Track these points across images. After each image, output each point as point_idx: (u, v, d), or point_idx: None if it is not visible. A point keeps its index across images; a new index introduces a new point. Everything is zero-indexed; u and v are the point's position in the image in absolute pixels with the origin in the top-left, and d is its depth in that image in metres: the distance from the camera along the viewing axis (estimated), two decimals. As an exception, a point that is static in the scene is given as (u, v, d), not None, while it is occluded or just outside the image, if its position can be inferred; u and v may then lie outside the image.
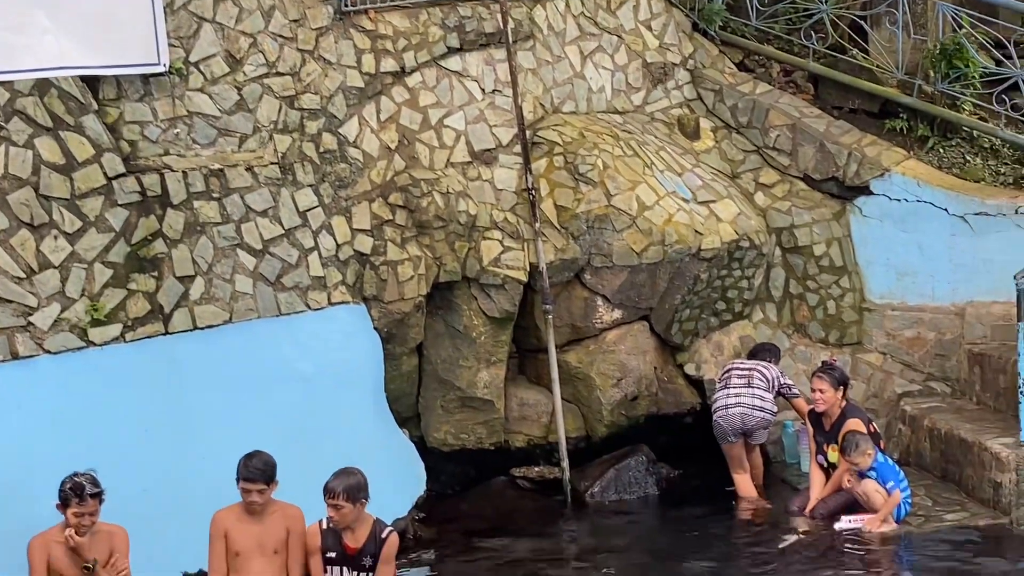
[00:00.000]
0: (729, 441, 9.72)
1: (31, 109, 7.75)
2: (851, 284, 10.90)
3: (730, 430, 9.66)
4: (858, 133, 11.10)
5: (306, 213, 8.91)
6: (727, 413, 9.64)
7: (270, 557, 6.96)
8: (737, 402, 9.64)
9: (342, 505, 6.83)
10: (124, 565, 6.84)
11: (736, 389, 9.70)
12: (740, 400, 9.64)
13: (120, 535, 6.95)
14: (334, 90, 9.31)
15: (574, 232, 9.94)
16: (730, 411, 9.64)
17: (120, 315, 7.92)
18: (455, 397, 9.91)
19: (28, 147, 7.71)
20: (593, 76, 10.93)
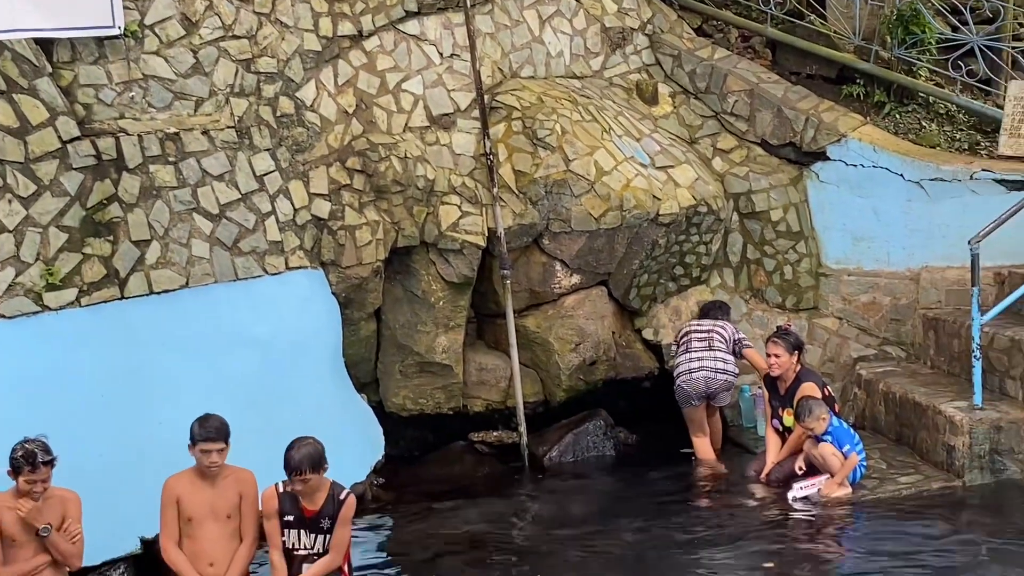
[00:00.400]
0: (692, 405, 9.77)
1: (-16, 72, 7.68)
2: (808, 249, 10.96)
3: (694, 394, 9.71)
4: (815, 99, 11.13)
5: (263, 177, 8.87)
6: (691, 377, 9.68)
7: (223, 522, 6.95)
8: (700, 366, 9.68)
9: (309, 478, 6.84)
10: (76, 530, 6.81)
11: (698, 352, 9.74)
12: (703, 364, 9.68)
13: (73, 500, 6.90)
14: (291, 54, 9.26)
15: (532, 197, 9.94)
16: (694, 375, 9.68)
17: (75, 280, 7.87)
18: (413, 362, 9.91)
19: (-19, 110, 7.64)
20: (551, 41, 10.90)
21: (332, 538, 6.92)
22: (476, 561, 7.95)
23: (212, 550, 6.90)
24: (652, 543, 8.22)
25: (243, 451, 7.52)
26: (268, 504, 6.95)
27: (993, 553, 7.77)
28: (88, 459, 7.49)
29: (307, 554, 6.94)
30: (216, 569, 6.87)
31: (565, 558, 7.95)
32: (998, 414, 8.97)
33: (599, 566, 7.78)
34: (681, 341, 9.93)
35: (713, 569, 7.67)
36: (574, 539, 8.32)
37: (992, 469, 8.89)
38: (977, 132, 11.30)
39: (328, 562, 6.93)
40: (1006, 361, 9.30)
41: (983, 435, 8.87)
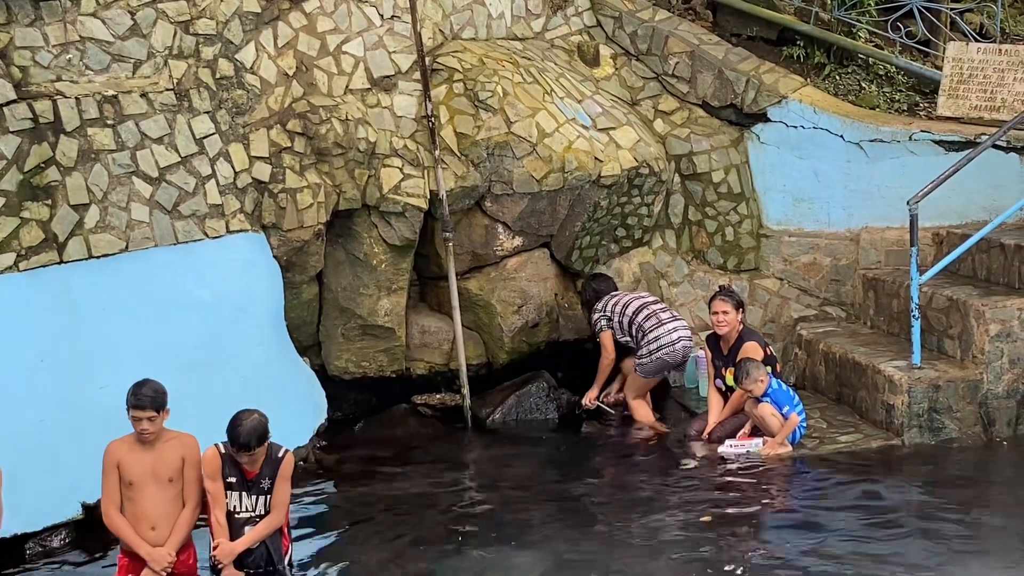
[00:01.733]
0: (659, 376, 9.85)
1: (-85, 33, 7.55)
2: (749, 211, 11.04)
3: (671, 364, 9.81)
4: (756, 60, 11.18)
5: (203, 140, 8.79)
6: (673, 349, 9.71)
7: (164, 485, 6.90)
8: (679, 336, 9.72)
9: (256, 453, 6.84)
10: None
11: (671, 324, 9.76)
12: (680, 334, 9.74)
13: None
14: (230, 15, 9.16)
15: (474, 159, 9.93)
16: (675, 346, 9.71)
17: (13, 244, 7.78)
18: (356, 325, 9.90)
19: (-88, 72, 7.52)
20: (492, 2, 10.86)
21: (272, 497, 6.92)
22: (420, 522, 7.97)
23: (154, 513, 6.87)
24: (595, 503, 8.29)
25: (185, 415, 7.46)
26: (210, 464, 6.92)
27: (927, 505, 7.92)
28: (28, 424, 7.45)
29: (249, 517, 6.92)
30: (158, 533, 6.85)
31: (508, 519, 7.98)
32: (936, 373, 9.11)
33: (542, 525, 7.82)
34: (634, 313, 9.83)
35: (653, 524, 7.75)
36: (517, 500, 8.37)
37: (931, 428, 9.04)
38: (916, 93, 11.42)
39: (270, 521, 6.93)
40: (944, 320, 9.43)
41: (922, 394, 9.00)
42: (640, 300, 9.98)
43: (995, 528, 7.63)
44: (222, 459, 6.92)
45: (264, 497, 6.92)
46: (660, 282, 10.92)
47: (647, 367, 9.79)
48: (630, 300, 9.98)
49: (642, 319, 9.81)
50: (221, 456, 6.92)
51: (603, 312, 10.00)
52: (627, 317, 9.88)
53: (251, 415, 6.86)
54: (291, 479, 7.05)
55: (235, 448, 6.81)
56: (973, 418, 9.10)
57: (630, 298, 10.02)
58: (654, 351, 9.73)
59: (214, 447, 6.96)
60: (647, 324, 9.78)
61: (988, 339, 9.02)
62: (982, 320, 9.04)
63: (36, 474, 7.14)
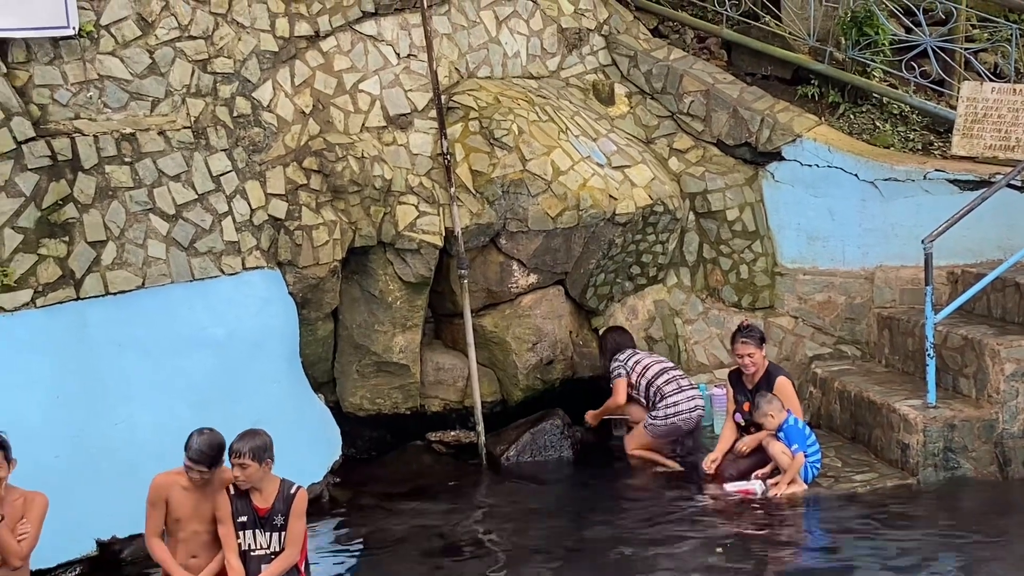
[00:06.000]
0: (667, 439, 9.87)
1: (-64, 72, 7.63)
2: (763, 249, 11.05)
3: (684, 431, 9.84)
4: (771, 99, 11.22)
5: (220, 178, 8.85)
6: (690, 417, 9.78)
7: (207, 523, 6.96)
8: (695, 405, 9.80)
9: (248, 464, 6.82)
10: (25, 529, 6.75)
11: (690, 391, 9.84)
12: (696, 403, 9.82)
13: (37, 501, 6.85)
14: (248, 54, 9.24)
15: (489, 197, 9.96)
16: (692, 415, 9.79)
17: (31, 280, 7.83)
18: (371, 362, 9.92)
19: (-67, 110, 7.60)
20: (508, 41, 10.94)
21: (287, 534, 6.92)
22: (433, 560, 7.96)
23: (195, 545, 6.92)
24: (609, 539, 8.26)
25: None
26: (223, 508, 6.93)
27: (941, 545, 7.88)
28: (44, 460, 7.46)
29: (264, 554, 6.93)
30: (198, 561, 6.89)
31: (522, 556, 7.97)
32: (952, 412, 9.07)
33: (557, 563, 7.81)
34: (655, 376, 9.87)
35: (667, 562, 7.73)
36: (531, 537, 8.36)
37: (946, 467, 8.99)
38: (930, 132, 11.41)
39: (285, 558, 6.93)
40: (959, 359, 9.40)
41: (937, 433, 8.96)
42: (660, 364, 10.01)
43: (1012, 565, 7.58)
44: (232, 500, 6.93)
45: (278, 534, 6.93)
46: (675, 320, 10.92)
47: (658, 428, 9.80)
48: (650, 363, 9.99)
49: (662, 382, 9.85)
50: (231, 497, 6.93)
51: (622, 363, 10.03)
52: (646, 379, 9.91)
53: (253, 431, 6.91)
54: (305, 515, 7.05)
55: (229, 455, 6.84)
56: (989, 458, 9.05)
57: (650, 361, 10.03)
58: (671, 416, 9.75)
59: (223, 490, 6.97)
60: (667, 388, 9.82)
61: (1003, 378, 8.99)
62: (997, 359, 9.01)
63: (51, 510, 7.11)
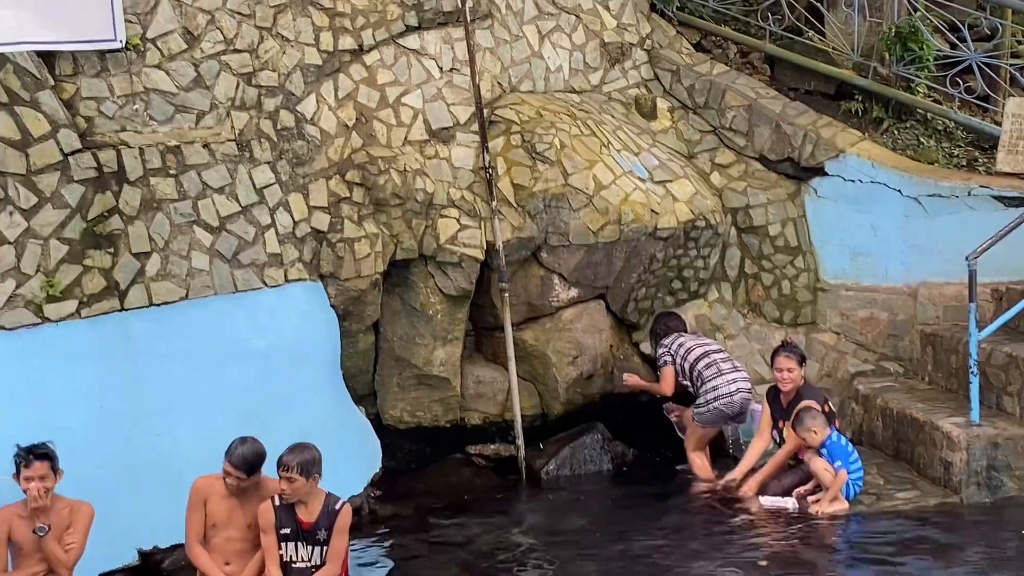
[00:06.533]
0: (718, 425, 9.81)
1: (-14, 84, 7.72)
2: (806, 264, 11.00)
3: (729, 415, 9.74)
4: (814, 114, 11.18)
5: (263, 190, 8.91)
6: (731, 400, 9.69)
7: (243, 530, 7.03)
8: (737, 388, 9.70)
9: (295, 478, 6.87)
10: (73, 540, 6.82)
11: (731, 375, 9.74)
12: (739, 386, 9.73)
13: (83, 511, 6.95)
14: (292, 67, 9.29)
15: (531, 211, 9.98)
16: (734, 397, 9.69)
17: (76, 291, 7.90)
18: (411, 375, 9.93)
19: (-18, 122, 7.68)
20: (551, 55, 10.95)
21: (329, 548, 6.95)
22: (472, 574, 7.96)
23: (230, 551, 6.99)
24: (649, 555, 8.23)
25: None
26: (265, 517, 6.98)
27: (987, 566, 7.80)
28: (87, 470, 7.50)
29: (305, 567, 6.97)
30: (233, 568, 6.94)
31: (563, 570, 7.96)
32: (995, 430, 8.99)
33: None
34: (697, 359, 9.82)
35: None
36: (571, 551, 8.34)
37: (989, 485, 8.91)
38: (975, 148, 11.33)
39: (326, 572, 6.96)
40: (1003, 377, 9.32)
41: (980, 451, 8.89)
42: (703, 348, 9.95)
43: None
44: (276, 511, 6.96)
45: (320, 548, 6.95)
46: (716, 335, 10.87)
47: (704, 416, 9.76)
48: (692, 346, 9.95)
49: (702, 367, 9.79)
50: (275, 508, 6.97)
51: (667, 348, 10.00)
52: (688, 363, 9.87)
53: (304, 445, 6.98)
54: (348, 531, 7.07)
55: (277, 468, 6.90)
56: (1032, 476, 8.98)
57: (693, 344, 9.99)
58: (711, 400, 9.71)
59: (268, 500, 7.01)
60: (707, 373, 9.76)
61: (1049, 396, 8.93)
62: (1042, 377, 8.95)
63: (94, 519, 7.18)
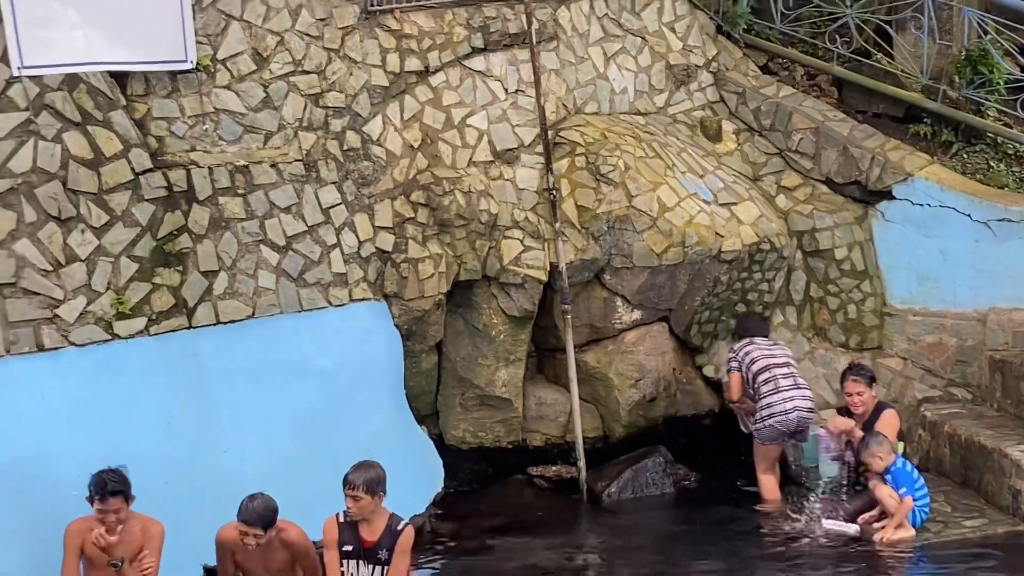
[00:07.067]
0: (776, 443, 9.68)
1: (60, 104, 7.85)
2: (872, 288, 10.90)
3: (785, 432, 9.61)
4: (882, 137, 11.08)
5: (329, 210, 8.98)
6: (786, 418, 9.54)
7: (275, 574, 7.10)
8: (794, 406, 9.53)
9: (361, 496, 6.90)
10: (150, 563, 6.90)
11: (788, 392, 9.56)
12: (796, 403, 9.53)
13: (154, 530, 7.03)
14: (359, 88, 9.38)
15: (594, 232, 9.98)
16: (789, 416, 9.53)
17: (145, 308, 8.01)
18: (474, 395, 9.96)
19: (57, 141, 7.81)
20: (616, 77, 10.96)
21: (391, 569, 6.96)
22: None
23: None
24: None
25: (302, 481, 7.62)
26: (328, 534, 7.02)
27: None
28: (154, 486, 7.58)
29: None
30: None
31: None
32: (1065, 458, 8.87)
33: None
34: (758, 372, 9.67)
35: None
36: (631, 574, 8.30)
37: (1059, 514, 8.80)
38: (1046, 173, 11.21)
39: (386, 593, 6.99)
40: (1073, 405, 9.20)
41: (1050, 480, 8.78)
42: (767, 359, 9.74)
43: None
44: (339, 527, 7.00)
45: (381, 568, 6.98)
46: (780, 359, 10.79)
47: (761, 432, 9.65)
48: (758, 356, 9.76)
49: (761, 381, 9.65)
50: (339, 525, 7.00)
51: (736, 354, 9.90)
52: (751, 373, 9.73)
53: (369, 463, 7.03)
54: (410, 552, 7.08)
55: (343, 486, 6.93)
56: (1104, 505, 8.84)
57: (759, 354, 9.79)
58: (765, 417, 9.59)
59: (332, 517, 7.04)
60: (764, 388, 9.63)
61: (1120, 425, 8.79)
62: (1114, 406, 8.81)
63: (159, 535, 7.27)
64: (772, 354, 9.82)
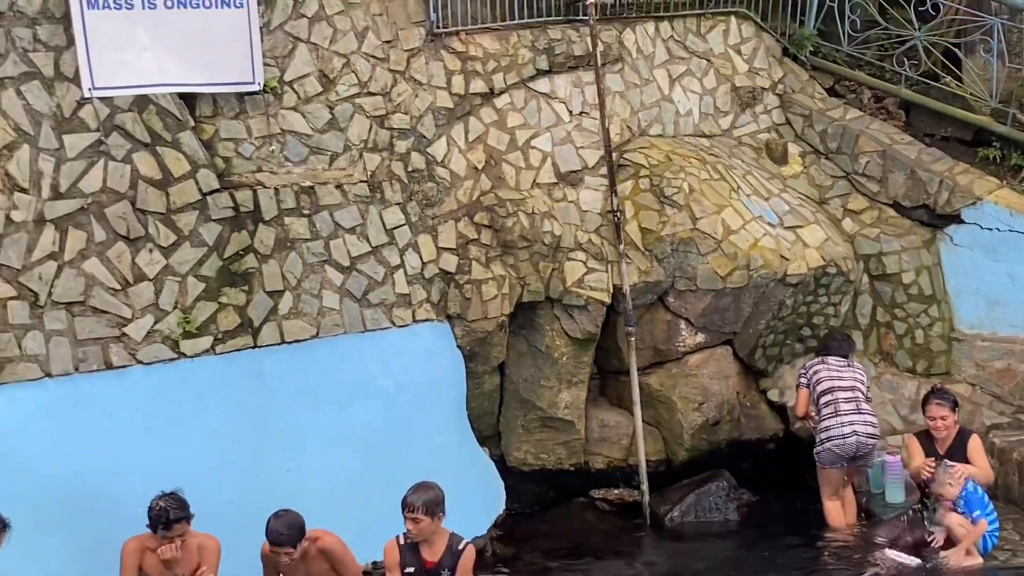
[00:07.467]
0: (837, 467, 9.55)
1: (130, 125, 7.97)
2: (940, 313, 10.78)
3: (845, 456, 9.48)
4: (950, 161, 10.98)
5: (393, 231, 9.03)
6: (844, 442, 9.38)
7: None
8: (852, 430, 9.38)
9: (420, 518, 6.91)
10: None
11: (848, 416, 9.40)
12: (855, 428, 9.37)
13: (211, 547, 7.09)
14: (424, 110, 9.42)
15: (658, 255, 9.95)
16: (847, 440, 9.38)
17: (211, 328, 8.09)
18: (536, 417, 9.94)
19: (126, 162, 7.94)
20: (681, 99, 10.93)
21: (452, 589, 6.97)
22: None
23: None
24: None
25: (365, 501, 7.64)
26: (389, 556, 7.03)
27: None
28: (218, 504, 7.66)
29: (427, 606, 7.00)
30: None
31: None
32: None
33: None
34: (820, 393, 9.55)
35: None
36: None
37: None
38: (1117, 198, 11.02)
39: (446, 614, 6.99)
40: None
41: (1121, 509, 8.62)
42: (833, 381, 9.57)
43: None
44: (400, 549, 7.01)
45: (443, 588, 6.98)
46: (845, 383, 10.69)
47: (821, 455, 9.51)
48: (824, 377, 9.61)
49: (822, 403, 9.52)
50: (400, 547, 7.01)
51: (806, 372, 9.78)
52: (816, 393, 9.61)
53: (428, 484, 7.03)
54: (471, 572, 7.08)
55: (402, 508, 6.94)
56: None
57: (826, 375, 9.63)
58: (824, 440, 9.45)
59: (393, 539, 7.05)
60: (824, 411, 9.50)
61: None
62: None
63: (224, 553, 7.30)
64: (839, 376, 9.67)
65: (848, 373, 9.66)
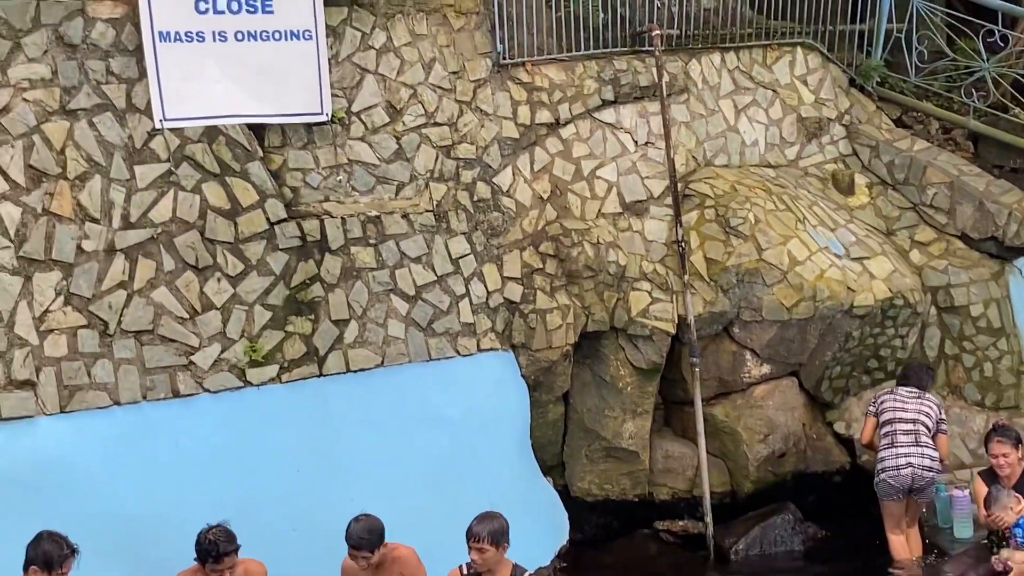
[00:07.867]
0: (895, 499, 9.43)
1: (200, 155, 8.07)
2: (1009, 346, 10.64)
3: (900, 488, 9.36)
4: (1019, 193, 10.86)
5: (458, 260, 9.06)
6: (898, 474, 9.25)
7: None
8: (908, 462, 9.26)
9: (485, 549, 6.90)
10: None
11: (905, 448, 9.28)
12: (910, 460, 9.24)
13: (257, 571, 7.11)
14: (489, 140, 9.47)
15: (724, 285, 9.91)
16: (901, 472, 9.25)
17: (277, 356, 8.15)
18: (600, 447, 9.92)
19: (196, 192, 8.03)
20: (747, 130, 10.90)
21: (513, 617, 6.95)
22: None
23: None
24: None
25: (429, 530, 7.64)
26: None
27: None
28: (282, 532, 7.70)
29: (481, 635, 6.98)
30: None
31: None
32: None
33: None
34: (882, 424, 9.42)
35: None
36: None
37: None
38: None
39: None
40: None
41: None
42: (896, 412, 9.42)
43: None
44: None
45: (505, 618, 6.96)
46: (913, 417, 10.57)
47: (878, 486, 9.37)
48: (887, 408, 9.46)
49: (882, 434, 9.41)
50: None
51: (875, 400, 9.64)
52: (880, 423, 9.49)
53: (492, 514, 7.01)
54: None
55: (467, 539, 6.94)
56: None
57: (891, 405, 9.47)
58: (879, 471, 9.32)
59: (457, 568, 7.06)
60: (882, 441, 9.38)
61: None
62: None
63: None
64: (903, 407, 9.52)
65: (914, 405, 9.51)
